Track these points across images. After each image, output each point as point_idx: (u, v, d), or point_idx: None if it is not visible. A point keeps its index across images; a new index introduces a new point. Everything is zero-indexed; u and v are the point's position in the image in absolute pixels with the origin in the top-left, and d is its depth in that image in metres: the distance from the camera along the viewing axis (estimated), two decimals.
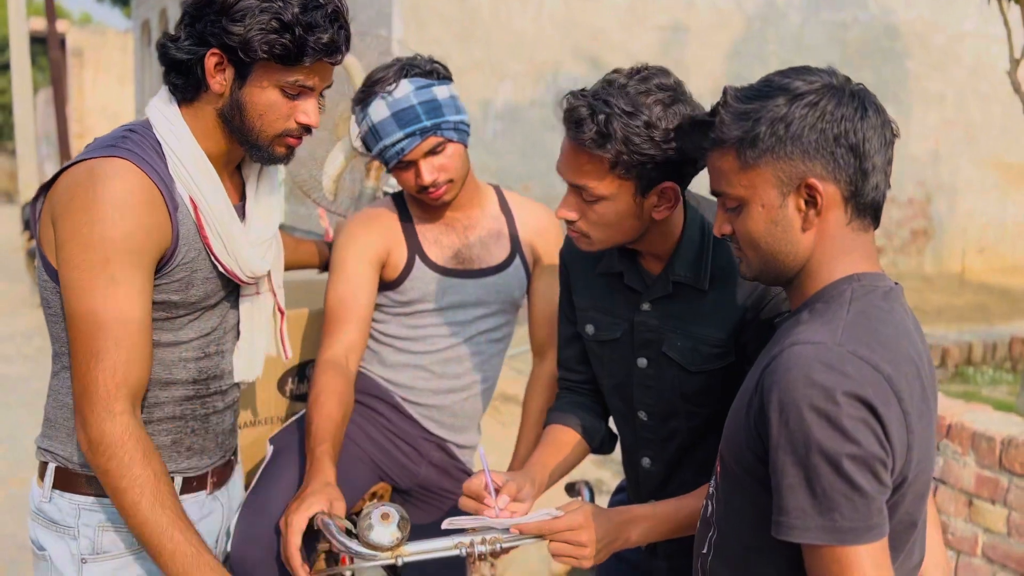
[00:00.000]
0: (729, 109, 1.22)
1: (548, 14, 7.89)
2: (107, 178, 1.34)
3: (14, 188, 20.81)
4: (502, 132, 7.80)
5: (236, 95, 1.41)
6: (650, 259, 1.64)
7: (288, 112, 1.43)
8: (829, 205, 1.19)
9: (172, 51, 1.41)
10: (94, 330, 1.33)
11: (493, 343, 2.02)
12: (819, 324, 1.16)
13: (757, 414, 1.16)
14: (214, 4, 1.36)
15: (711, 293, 1.59)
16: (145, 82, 16.50)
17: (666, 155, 1.46)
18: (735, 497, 1.25)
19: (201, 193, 1.43)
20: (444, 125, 1.82)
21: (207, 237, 1.44)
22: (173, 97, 1.46)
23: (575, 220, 1.54)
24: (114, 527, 1.46)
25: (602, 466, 4.37)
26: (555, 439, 1.76)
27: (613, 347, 1.71)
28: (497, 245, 1.99)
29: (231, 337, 1.58)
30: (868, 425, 1.08)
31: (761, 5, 8.77)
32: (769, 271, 1.27)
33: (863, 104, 1.19)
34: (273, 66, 1.39)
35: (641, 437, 1.74)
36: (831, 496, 1.09)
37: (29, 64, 13.03)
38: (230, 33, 1.35)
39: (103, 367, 1.33)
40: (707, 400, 1.65)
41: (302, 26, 1.36)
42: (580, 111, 1.44)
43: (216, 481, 1.60)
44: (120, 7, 25.76)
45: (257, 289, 1.59)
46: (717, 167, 1.25)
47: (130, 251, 1.34)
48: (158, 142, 1.42)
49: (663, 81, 1.47)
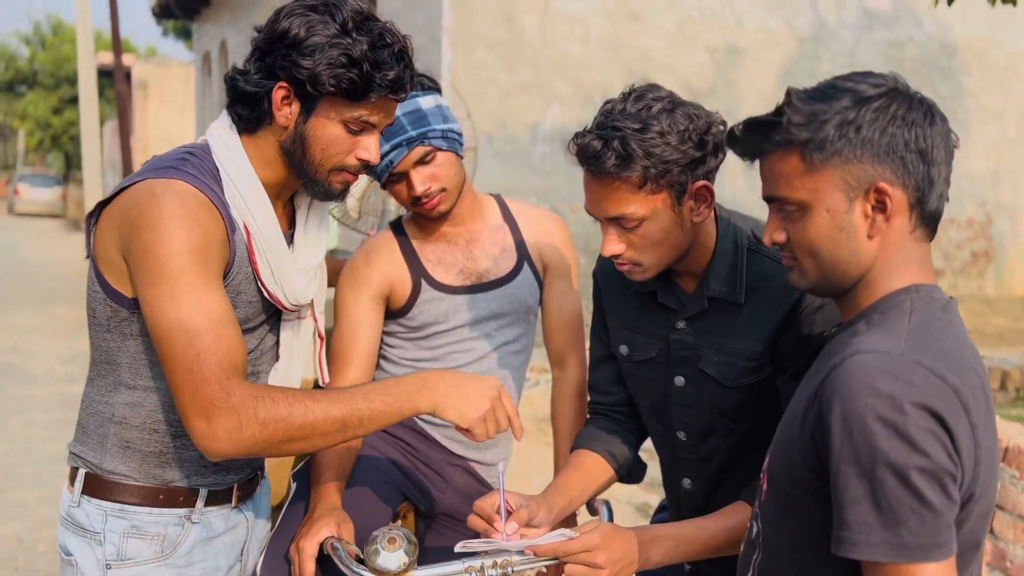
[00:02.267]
0: (795, 109, 1.17)
1: (596, 37, 7.92)
2: (168, 195, 1.36)
3: (82, 216, 21.52)
4: (550, 154, 7.83)
5: (300, 128, 1.44)
6: (684, 276, 1.64)
7: (350, 147, 1.46)
8: (896, 211, 1.15)
9: (241, 84, 1.45)
10: (190, 337, 1.33)
11: (514, 354, 1.99)
12: (880, 334, 1.12)
13: (814, 427, 1.12)
14: (285, 39, 1.39)
15: (746, 307, 1.58)
16: (205, 110, 16.97)
17: (688, 156, 1.47)
18: (786, 518, 1.21)
19: (255, 220, 1.46)
20: (431, 134, 1.81)
21: (256, 263, 1.47)
22: (235, 125, 1.49)
23: (621, 253, 1.54)
24: (139, 534, 1.49)
25: (649, 489, 4.31)
26: (580, 464, 1.75)
27: (648, 367, 1.70)
28: (503, 255, 1.96)
29: (268, 358, 1.60)
30: (937, 437, 1.03)
31: (813, 24, 8.68)
32: (827, 280, 1.22)
33: (930, 110, 1.16)
34: (339, 101, 1.42)
35: (681, 457, 1.73)
36: (897, 510, 1.03)
37: (97, 97, 13.50)
38: (300, 67, 1.38)
39: (209, 364, 1.33)
40: (745, 416, 1.63)
41: (369, 63, 1.39)
42: (593, 145, 1.46)
43: (241, 495, 1.61)
44: (183, 40, 26.60)
45: (300, 314, 1.61)
46: (777, 170, 1.20)
47: (201, 260, 1.36)
48: (216, 167, 1.45)
49: (656, 94, 1.50)
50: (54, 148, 32.83)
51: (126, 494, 1.48)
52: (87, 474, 1.50)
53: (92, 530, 1.48)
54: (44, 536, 4.02)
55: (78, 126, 27.12)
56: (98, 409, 1.50)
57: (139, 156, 20.36)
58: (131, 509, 1.48)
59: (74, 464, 1.53)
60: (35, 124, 30.31)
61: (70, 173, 31.76)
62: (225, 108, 1.51)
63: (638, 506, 4.20)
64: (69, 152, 32.42)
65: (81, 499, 1.50)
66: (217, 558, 1.56)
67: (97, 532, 1.48)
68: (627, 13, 7.98)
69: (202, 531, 1.54)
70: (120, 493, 1.48)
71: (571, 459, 1.77)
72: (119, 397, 1.48)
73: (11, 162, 40.68)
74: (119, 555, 1.48)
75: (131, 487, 1.49)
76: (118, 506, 1.48)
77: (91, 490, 1.49)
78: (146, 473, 1.49)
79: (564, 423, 2.01)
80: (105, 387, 1.50)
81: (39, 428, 5.64)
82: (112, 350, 1.47)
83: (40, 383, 6.85)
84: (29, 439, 5.42)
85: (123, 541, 1.48)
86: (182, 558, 1.51)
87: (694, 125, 1.48)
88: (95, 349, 1.51)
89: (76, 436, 1.55)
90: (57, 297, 11.18)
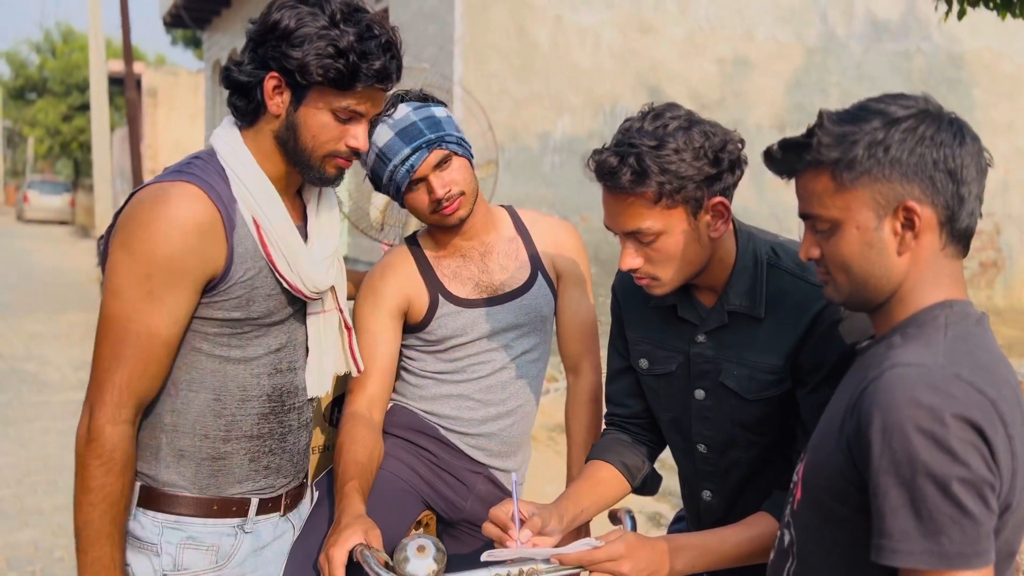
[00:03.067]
0: (826, 131, 1.21)
1: (607, 47, 7.96)
2: (169, 199, 1.42)
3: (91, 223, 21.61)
4: (560, 164, 7.86)
5: (292, 117, 1.49)
6: (704, 291, 1.66)
7: (339, 135, 1.50)
8: (925, 229, 1.18)
9: (235, 74, 1.50)
10: (121, 335, 1.41)
11: (532, 363, 2.01)
12: (917, 347, 1.15)
13: (852, 437, 1.14)
14: (276, 30, 1.45)
15: (765, 321, 1.60)
16: (215, 118, 17.05)
17: (702, 172, 1.50)
18: (822, 526, 1.23)
19: (263, 212, 1.50)
20: (447, 138, 1.85)
21: (271, 255, 1.50)
22: (235, 123, 1.55)
23: (639, 267, 1.56)
24: (195, 545, 1.52)
25: (661, 499, 4.33)
26: (593, 475, 1.76)
27: (669, 380, 1.72)
28: (517, 266, 1.99)
29: (302, 354, 1.63)
30: (977, 448, 1.05)
31: (821, 36, 8.71)
32: (859, 295, 1.25)
33: (960, 131, 1.19)
34: (327, 90, 1.46)
35: (701, 470, 1.74)
36: (938, 519, 1.06)
37: (108, 105, 13.57)
38: (289, 57, 1.43)
39: (121, 373, 1.41)
40: (766, 428, 1.64)
41: (356, 53, 1.44)
42: (610, 161, 1.49)
43: (289, 503, 1.64)
44: (192, 49, 26.74)
45: (323, 306, 1.64)
46: (810, 189, 1.24)
47: (173, 271, 1.41)
48: (221, 167, 1.50)
49: (674, 112, 1.53)
50: (63, 155, 33.02)
51: (181, 506, 1.51)
52: (143, 487, 1.53)
53: (149, 541, 1.51)
54: (60, 543, 4.05)
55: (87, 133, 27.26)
56: (147, 421, 1.52)
57: (148, 163, 20.46)
58: (186, 520, 1.52)
59: None
60: (45, 131, 30.47)
61: (79, 180, 31.88)
62: (227, 105, 1.56)
63: (650, 515, 4.22)
64: (78, 159, 32.58)
65: (137, 511, 1.52)
66: (268, 567, 1.60)
67: (154, 543, 1.51)
68: (638, 25, 8.02)
69: (253, 541, 1.57)
70: (176, 505, 1.52)
71: (585, 470, 1.79)
72: (164, 405, 1.51)
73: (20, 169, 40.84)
74: (175, 566, 1.51)
75: (186, 499, 1.52)
76: (174, 518, 1.51)
77: (147, 502, 1.52)
78: (200, 483, 1.52)
79: (579, 428, 2.03)
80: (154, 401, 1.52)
81: (54, 435, 5.68)
82: None
83: (54, 390, 6.89)
84: (44, 446, 5.46)
85: (179, 552, 1.51)
86: (235, 568, 1.54)
87: (710, 142, 1.50)
88: None
89: None
90: (69, 304, 11.23)
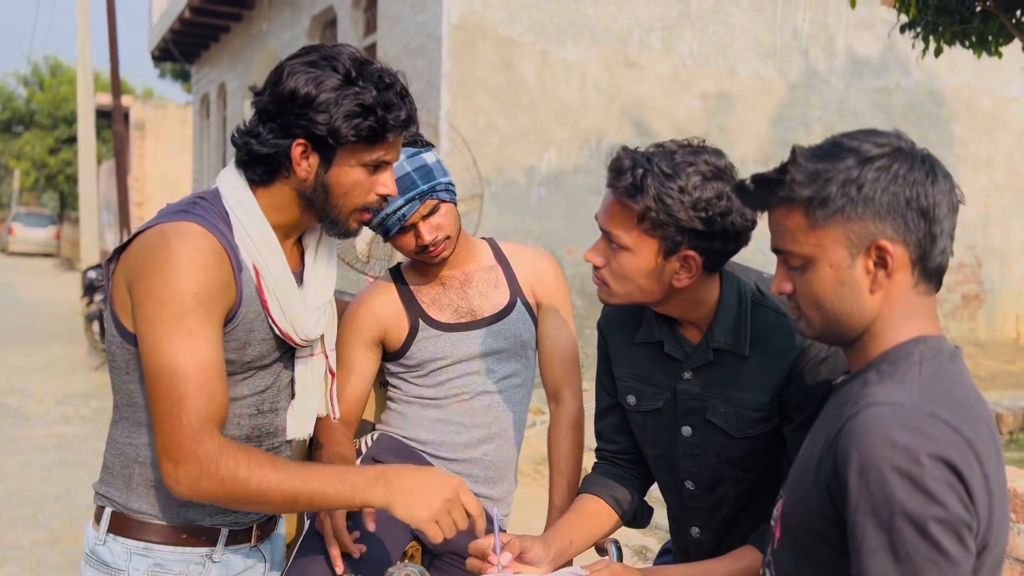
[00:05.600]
0: (799, 168, 1.20)
1: (592, 83, 8.05)
2: (178, 237, 1.42)
3: (76, 255, 21.51)
4: (546, 197, 7.92)
5: (322, 178, 1.48)
6: (689, 327, 1.66)
7: (370, 187, 1.51)
8: (898, 267, 1.18)
9: (255, 146, 1.47)
10: (175, 380, 1.39)
11: (515, 389, 2.04)
12: (892, 385, 1.14)
13: (830, 477, 1.14)
14: (296, 98, 1.43)
15: (751, 359, 1.60)
16: (203, 152, 17.10)
17: (693, 223, 1.49)
18: (801, 566, 1.22)
19: (264, 262, 1.50)
20: (438, 187, 1.91)
21: (267, 302, 1.51)
22: (248, 180, 1.52)
23: (600, 267, 1.58)
24: (162, 572, 1.52)
25: (648, 532, 4.31)
26: (582, 508, 1.77)
27: (656, 417, 1.72)
28: (496, 292, 2.03)
29: (285, 395, 1.63)
30: (953, 488, 1.05)
31: (803, 72, 8.85)
32: (831, 331, 1.25)
33: (933, 169, 1.19)
34: (358, 147, 1.47)
35: (689, 507, 1.74)
36: (915, 560, 1.05)
37: (95, 138, 13.59)
38: (316, 123, 1.42)
39: (188, 411, 1.38)
40: (754, 465, 1.64)
41: (382, 107, 1.44)
42: (623, 162, 1.51)
43: (260, 535, 1.64)
44: (180, 82, 26.85)
45: (312, 351, 1.65)
46: (783, 225, 1.24)
47: (203, 305, 1.41)
48: (226, 211, 1.50)
49: (711, 159, 1.51)
50: (49, 188, 32.92)
51: (150, 533, 1.51)
52: (114, 512, 1.53)
53: (116, 567, 1.51)
54: None
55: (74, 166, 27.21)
56: (122, 450, 1.54)
57: (135, 196, 20.43)
58: (155, 548, 1.51)
59: (100, 503, 1.56)
60: (31, 164, 30.40)
61: (64, 212, 31.80)
62: (234, 164, 1.54)
63: (636, 549, 4.20)
64: (64, 192, 32.49)
65: (107, 537, 1.53)
66: None
67: (121, 570, 1.51)
68: (623, 61, 8.13)
69: (222, 571, 1.57)
70: (145, 532, 1.51)
71: (574, 504, 1.80)
72: (142, 439, 1.51)
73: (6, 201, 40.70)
74: None
75: (155, 526, 1.52)
76: (143, 544, 1.51)
77: (117, 528, 1.52)
78: (170, 512, 1.52)
79: (560, 455, 2.04)
80: (128, 428, 1.53)
81: (35, 469, 5.61)
82: (132, 392, 1.50)
83: (36, 424, 6.82)
84: (25, 480, 5.39)
85: None
86: None
87: (716, 203, 1.49)
88: (116, 392, 1.54)
89: (102, 477, 1.58)
90: (54, 337, 11.16)
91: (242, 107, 13.30)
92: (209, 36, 15.18)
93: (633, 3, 8.08)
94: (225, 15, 13.53)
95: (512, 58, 7.75)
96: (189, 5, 13.22)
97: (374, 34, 9.20)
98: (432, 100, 7.58)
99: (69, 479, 5.40)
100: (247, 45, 13.51)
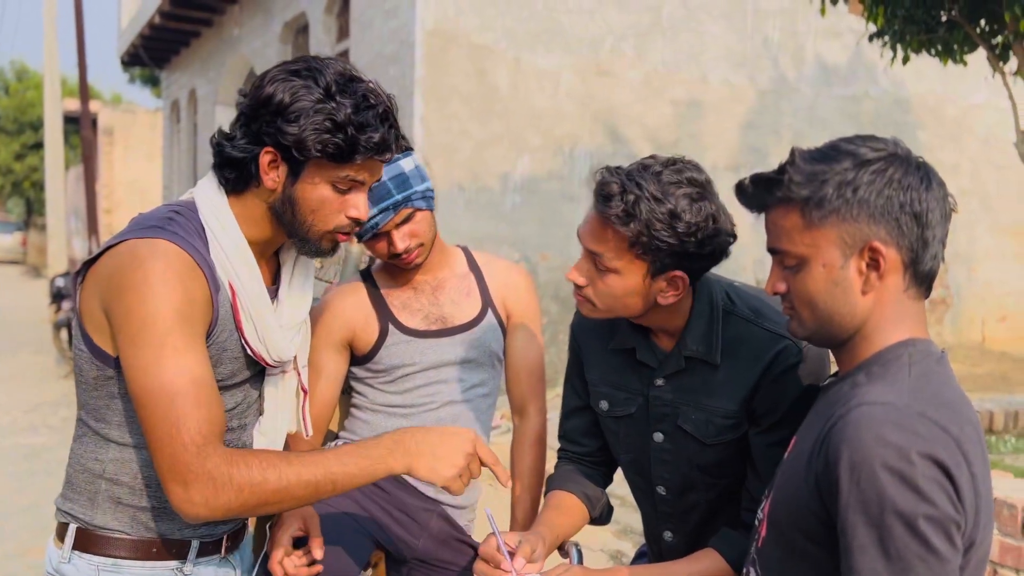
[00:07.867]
0: (797, 168, 1.23)
1: (565, 90, 8.09)
2: (151, 257, 1.37)
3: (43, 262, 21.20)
4: (520, 204, 7.93)
5: (288, 191, 1.45)
6: (661, 335, 1.67)
7: (339, 207, 1.46)
8: (890, 270, 1.20)
9: (228, 149, 1.45)
10: (170, 401, 1.33)
11: (482, 398, 2.05)
12: (883, 386, 1.16)
13: (821, 474, 1.15)
14: (270, 105, 1.40)
15: (723, 366, 1.62)
16: (173, 157, 16.93)
17: (683, 246, 1.50)
18: (789, 563, 1.24)
19: (239, 279, 1.46)
20: (413, 196, 1.90)
21: (240, 321, 1.47)
22: (222, 186, 1.49)
23: (584, 286, 1.59)
24: None
25: (622, 536, 4.33)
26: (559, 503, 1.78)
27: (628, 423, 1.73)
28: (468, 302, 2.04)
29: (253, 411, 1.60)
30: (942, 486, 1.07)
31: (773, 80, 8.95)
32: (823, 331, 1.27)
33: (928, 175, 1.22)
34: (325, 163, 1.42)
35: (661, 511, 1.76)
36: (905, 558, 1.07)
37: (62, 143, 13.42)
38: (285, 133, 1.39)
39: (189, 429, 1.33)
40: (724, 471, 1.66)
41: (354, 126, 1.40)
42: (612, 187, 1.50)
43: (230, 545, 1.61)
44: (150, 87, 26.57)
45: (283, 368, 1.61)
46: (779, 224, 1.26)
47: (186, 321, 1.37)
48: (202, 226, 1.46)
49: (695, 176, 1.53)
50: (15, 194, 32.43)
51: (119, 548, 1.46)
52: (79, 529, 1.48)
53: None
54: None
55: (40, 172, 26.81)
56: (87, 466, 1.48)
57: (103, 202, 20.18)
58: (124, 563, 1.47)
59: (63, 520, 1.51)
60: None
61: (31, 219, 31.34)
62: (212, 169, 1.52)
63: (611, 554, 4.22)
64: (31, 198, 32.02)
65: (72, 555, 1.47)
66: None
67: None
68: (595, 68, 8.17)
69: None
70: (113, 547, 1.47)
71: (550, 499, 1.80)
72: (108, 454, 1.47)
73: None
74: None
75: (124, 541, 1.47)
76: (111, 560, 1.47)
77: (83, 545, 1.47)
78: (138, 527, 1.48)
79: (523, 470, 2.07)
80: (94, 444, 1.48)
81: (2, 479, 5.53)
82: (100, 408, 1.46)
83: (3, 433, 6.71)
84: None
85: None
86: None
87: (705, 226, 1.51)
88: (82, 407, 1.49)
89: (64, 492, 1.52)
90: (22, 345, 10.99)
91: (213, 113, 13.19)
92: (179, 41, 15.04)
93: (605, 11, 8.13)
94: (196, 20, 13.41)
95: (486, 65, 7.77)
96: (159, 10, 13.09)
97: (347, 40, 9.18)
98: (405, 106, 7.57)
99: (37, 490, 5.32)
100: (218, 50, 13.41)
